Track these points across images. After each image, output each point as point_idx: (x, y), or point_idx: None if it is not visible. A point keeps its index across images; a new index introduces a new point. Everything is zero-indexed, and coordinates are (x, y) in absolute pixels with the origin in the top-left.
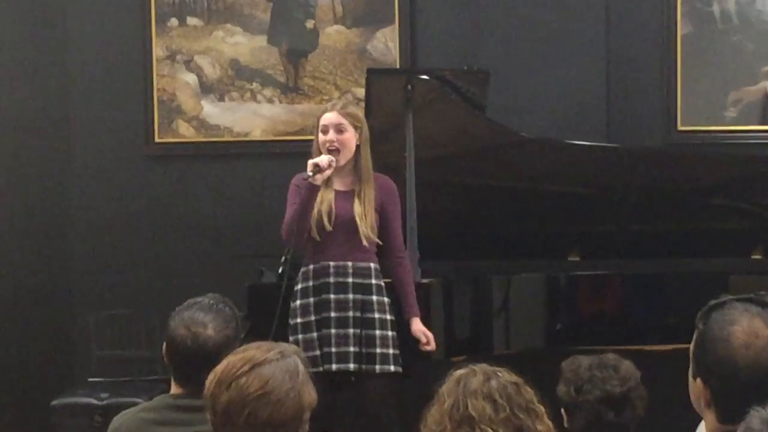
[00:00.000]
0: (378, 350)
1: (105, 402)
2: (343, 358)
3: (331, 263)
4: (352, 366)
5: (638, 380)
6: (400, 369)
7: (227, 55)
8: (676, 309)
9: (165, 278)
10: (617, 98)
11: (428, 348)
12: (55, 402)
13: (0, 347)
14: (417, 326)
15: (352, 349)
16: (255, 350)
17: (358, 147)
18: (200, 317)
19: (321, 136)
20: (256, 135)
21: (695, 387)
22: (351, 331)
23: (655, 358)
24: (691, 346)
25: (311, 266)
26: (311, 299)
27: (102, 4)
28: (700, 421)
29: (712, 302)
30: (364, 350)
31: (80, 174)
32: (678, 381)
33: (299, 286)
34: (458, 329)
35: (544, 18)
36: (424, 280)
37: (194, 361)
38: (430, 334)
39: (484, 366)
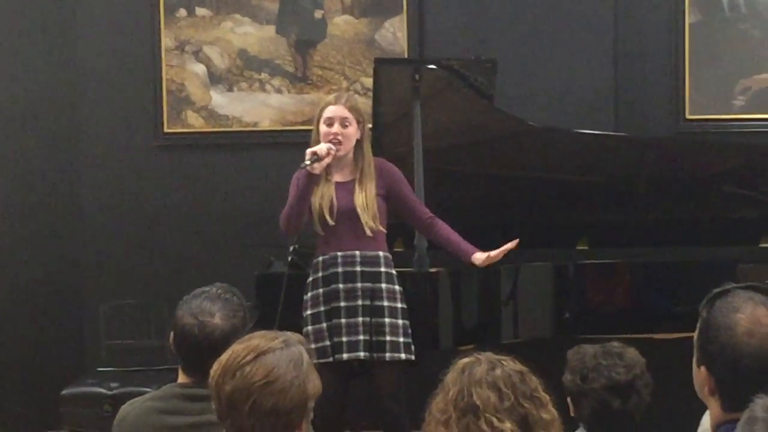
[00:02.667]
0: (388, 338)
1: (114, 391)
2: (353, 346)
3: (339, 253)
4: (362, 354)
5: (643, 368)
6: (411, 357)
7: (236, 45)
8: (684, 297)
9: (174, 268)
10: (625, 87)
11: (510, 246)
12: (64, 391)
13: (10, 337)
14: (480, 258)
15: (362, 337)
16: (259, 339)
17: (359, 141)
18: (207, 306)
19: (324, 128)
20: (265, 125)
21: (699, 375)
22: (360, 319)
23: (663, 345)
24: (695, 334)
25: (321, 258)
26: (321, 290)
27: None
28: (706, 409)
29: (716, 290)
30: (374, 338)
31: (89, 164)
32: (684, 369)
33: (310, 278)
34: (466, 318)
35: (552, 7)
36: (432, 269)
37: (201, 350)
38: (498, 250)
39: (489, 355)
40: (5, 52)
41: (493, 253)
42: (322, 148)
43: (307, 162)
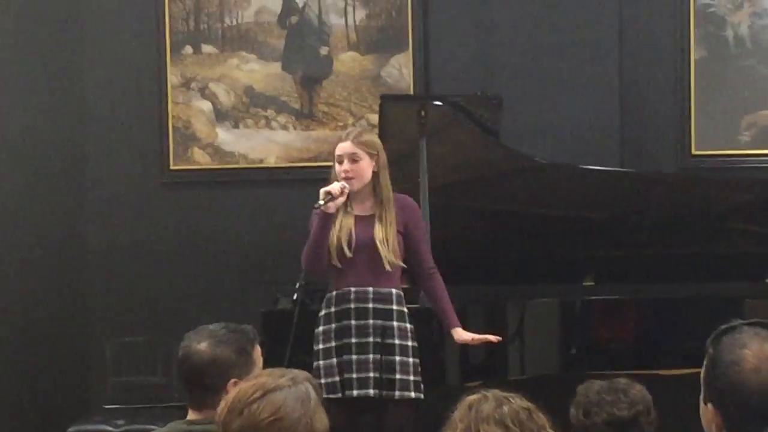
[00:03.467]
0: (398, 376)
1: (121, 429)
2: (363, 383)
3: (353, 289)
4: (372, 392)
5: (649, 405)
6: (421, 396)
7: (242, 82)
8: (690, 333)
9: (180, 305)
10: (631, 123)
11: (491, 339)
12: (71, 429)
13: (16, 373)
14: (459, 335)
15: (372, 374)
16: (266, 377)
17: (376, 174)
18: (196, 336)
19: (336, 166)
20: (271, 162)
21: (707, 412)
22: (371, 356)
23: (671, 382)
24: (702, 370)
25: (334, 293)
26: (333, 325)
27: (117, 32)
28: None
29: (723, 326)
30: (384, 376)
31: (95, 201)
32: (692, 405)
33: (322, 312)
34: (472, 354)
35: (557, 43)
36: None
37: (184, 378)
38: (477, 335)
39: (496, 392)
40: (11, 89)
41: (475, 337)
42: (335, 186)
43: (321, 202)
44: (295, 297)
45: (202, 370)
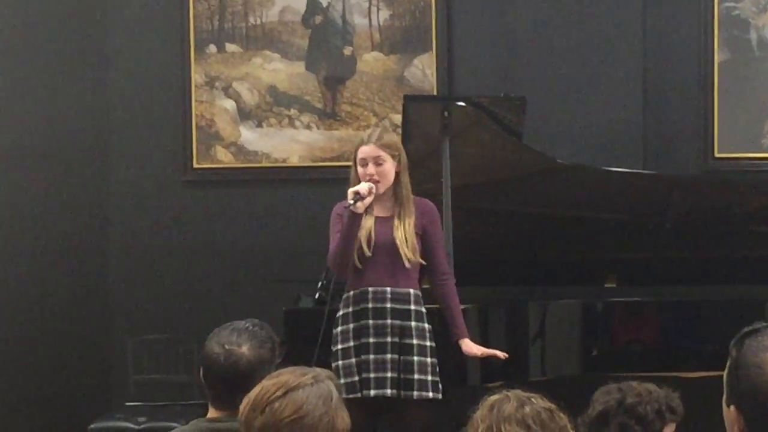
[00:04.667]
0: (416, 376)
1: (142, 426)
2: (381, 383)
3: (370, 289)
4: (389, 392)
5: (672, 406)
6: (439, 396)
7: (265, 81)
8: (712, 336)
9: (202, 303)
10: (654, 125)
11: (498, 354)
12: (92, 426)
13: (39, 371)
14: (467, 348)
15: (390, 374)
16: (289, 375)
17: (397, 174)
18: (235, 337)
19: (360, 170)
20: (294, 161)
21: (729, 414)
22: (389, 356)
23: (692, 385)
24: (725, 372)
25: (351, 292)
26: (351, 325)
27: (141, 31)
28: None
29: (747, 329)
30: (402, 376)
31: (119, 199)
32: (714, 408)
33: (341, 313)
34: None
35: (581, 45)
36: (461, 306)
37: (228, 380)
38: (485, 350)
39: (518, 392)
40: (36, 88)
41: (481, 350)
42: (363, 187)
43: (350, 202)
44: (317, 296)
45: (247, 374)
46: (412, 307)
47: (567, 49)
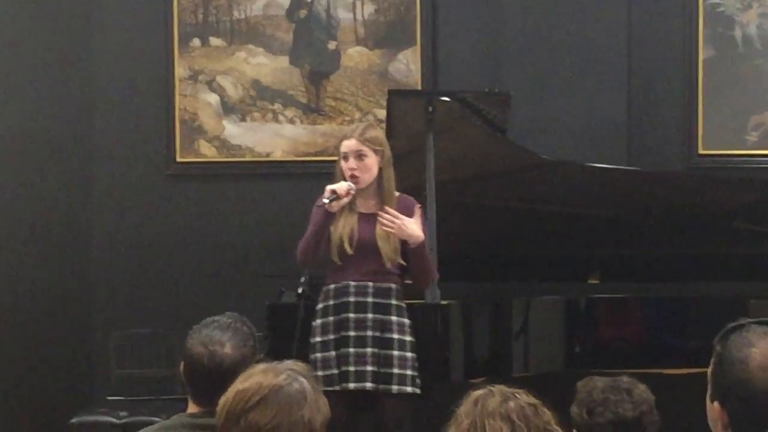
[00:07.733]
0: (395, 371)
1: (124, 420)
2: (361, 376)
3: (352, 282)
4: (369, 385)
5: (652, 405)
6: (417, 390)
7: (249, 75)
8: (696, 333)
9: (185, 297)
10: (638, 121)
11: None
12: (74, 420)
13: (20, 365)
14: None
15: (369, 368)
16: (262, 377)
17: (380, 169)
18: (218, 335)
19: (342, 163)
20: (278, 155)
21: (713, 410)
22: (369, 350)
23: (674, 381)
24: (709, 368)
25: (333, 286)
26: (331, 318)
27: (125, 25)
28: None
29: (730, 325)
30: (381, 370)
31: (101, 193)
32: (696, 404)
33: (320, 306)
34: (477, 351)
35: (566, 40)
36: (444, 302)
37: (211, 379)
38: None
39: (502, 387)
40: (18, 80)
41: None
42: (342, 186)
43: (326, 200)
44: (300, 291)
45: (230, 374)
46: (393, 301)
47: (552, 45)
